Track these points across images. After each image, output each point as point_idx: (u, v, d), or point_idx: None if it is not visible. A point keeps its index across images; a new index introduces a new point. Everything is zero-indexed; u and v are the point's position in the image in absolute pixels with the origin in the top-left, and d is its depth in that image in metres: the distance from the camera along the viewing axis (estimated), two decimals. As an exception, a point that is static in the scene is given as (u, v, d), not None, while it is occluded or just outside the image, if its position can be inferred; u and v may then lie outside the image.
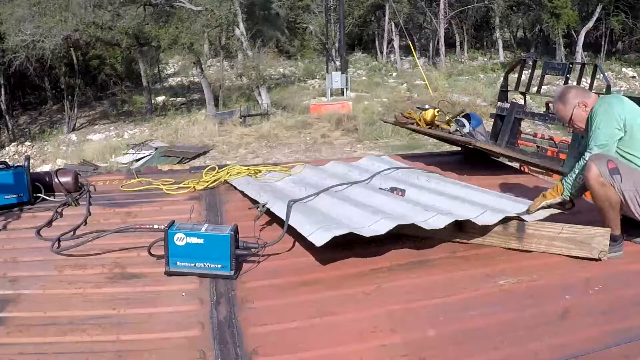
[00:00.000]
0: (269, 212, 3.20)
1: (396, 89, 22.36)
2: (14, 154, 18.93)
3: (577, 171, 2.88)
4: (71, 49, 21.44)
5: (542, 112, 5.22)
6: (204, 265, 2.55)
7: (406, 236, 2.92)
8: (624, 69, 24.07)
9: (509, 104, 5.23)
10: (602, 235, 2.70)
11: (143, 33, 20.40)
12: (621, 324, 2.12)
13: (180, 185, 4.06)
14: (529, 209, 3.00)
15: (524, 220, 2.90)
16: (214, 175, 4.19)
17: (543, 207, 2.98)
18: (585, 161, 2.79)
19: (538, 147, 8.04)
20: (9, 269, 2.67)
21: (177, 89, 28.34)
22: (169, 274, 2.57)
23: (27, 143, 20.40)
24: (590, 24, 25.54)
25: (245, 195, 3.73)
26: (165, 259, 2.57)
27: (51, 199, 3.77)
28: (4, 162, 3.77)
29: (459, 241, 2.97)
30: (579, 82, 5.25)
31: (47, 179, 3.88)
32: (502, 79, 5.72)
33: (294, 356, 1.97)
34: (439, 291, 2.43)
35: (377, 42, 33.67)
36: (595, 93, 3.21)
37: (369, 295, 2.42)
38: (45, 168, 14.51)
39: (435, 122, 4.94)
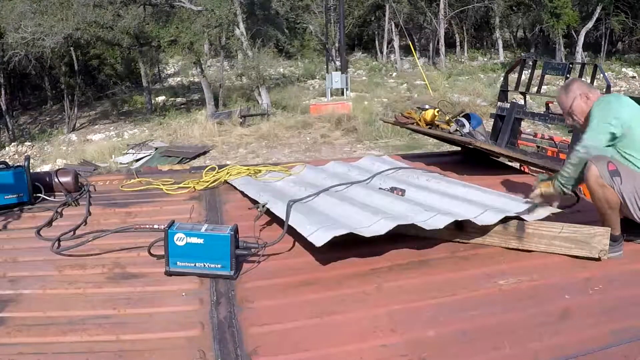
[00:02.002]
0: (268, 212, 3.21)
1: (396, 89, 22.36)
2: (14, 154, 18.92)
3: (567, 163, 2.91)
4: (71, 48, 21.43)
5: (542, 112, 5.22)
6: (204, 265, 2.55)
7: (406, 236, 2.92)
8: (624, 69, 24.06)
9: (509, 104, 5.23)
10: (602, 235, 2.70)
11: (143, 33, 20.40)
12: (621, 324, 2.12)
13: (180, 185, 4.06)
14: (530, 198, 3.06)
15: (524, 219, 2.91)
16: (214, 175, 4.19)
17: (542, 196, 3.02)
18: (577, 153, 2.81)
19: (538, 147, 8.04)
20: (9, 269, 2.68)
21: (177, 89, 28.32)
22: (169, 274, 2.57)
23: (27, 143, 20.39)
24: (590, 24, 25.53)
25: (245, 195, 3.73)
26: (165, 259, 2.57)
27: (51, 199, 3.77)
28: (4, 162, 3.77)
29: (459, 241, 2.97)
30: (579, 82, 5.24)
31: (47, 179, 3.89)
32: (502, 79, 5.72)
33: (294, 356, 1.97)
34: (439, 291, 2.43)
35: (377, 42, 33.68)
36: None
37: (369, 295, 2.42)
38: (45, 168, 14.50)
39: (435, 122, 4.94)
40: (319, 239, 2.57)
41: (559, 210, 3.04)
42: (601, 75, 4.66)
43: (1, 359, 1.94)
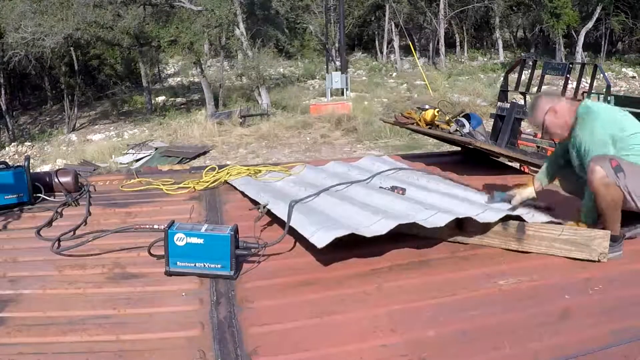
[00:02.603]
0: (269, 213, 3.21)
1: (396, 89, 22.36)
2: (14, 154, 18.91)
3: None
4: (71, 48, 21.43)
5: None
6: (204, 265, 2.55)
7: (406, 236, 2.91)
8: (624, 69, 24.06)
9: (509, 104, 5.24)
10: (602, 237, 2.70)
11: (143, 33, 20.40)
12: (621, 324, 2.12)
13: (180, 185, 4.06)
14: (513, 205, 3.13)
15: (524, 220, 2.90)
16: (214, 176, 4.19)
17: (522, 200, 3.13)
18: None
19: (538, 147, 8.04)
20: (9, 269, 2.68)
21: (177, 89, 28.31)
22: (169, 274, 2.57)
23: (27, 143, 20.39)
24: (590, 24, 25.53)
25: (245, 196, 3.73)
26: (165, 259, 2.57)
27: (51, 199, 3.77)
28: (4, 162, 3.77)
29: (459, 241, 2.97)
30: (578, 82, 5.25)
31: (47, 179, 3.89)
32: (502, 79, 5.72)
33: (294, 356, 1.97)
34: (439, 291, 2.43)
35: (377, 42, 33.68)
36: (595, 93, 3.22)
37: (369, 295, 2.42)
38: (45, 168, 14.49)
39: (435, 122, 4.94)
40: (321, 240, 2.56)
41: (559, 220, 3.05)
42: (601, 75, 4.67)
43: (1, 359, 1.94)
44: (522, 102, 5.51)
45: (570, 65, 4.75)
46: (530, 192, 3.16)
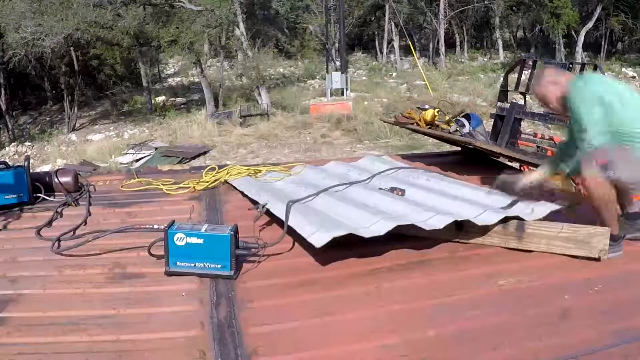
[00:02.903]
0: (268, 213, 3.21)
1: (396, 89, 22.34)
2: (14, 154, 18.89)
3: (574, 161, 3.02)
4: (71, 48, 21.43)
5: (542, 112, 5.22)
6: (204, 265, 2.55)
7: (406, 236, 2.91)
8: (624, 69, 24.05)
9: (509, 104, 5.23)
10: (602, 235, 2.70)
11: (143, 33, 20.40)
12: (621, 324, 2.12)
13: (180, 185, 4.06)
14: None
15: (523, 219, 2.91)
16: (214, 176, 4.19)
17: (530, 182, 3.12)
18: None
19: (538, 147, 8.02)
20: (9, 269, 2.68)
21: (177, 89, 28.30)
22: (169, 274, 2.57)
23: (27, 143, 20.38)
24: (590, 24, 25.54)
25: (245, 196, 3.73)
26: (165, 259, 2.57)
27: (51, 199, 3.77)
28: (4, 162, 3.77)
29: (459, 241, 2.97)
30: (578, 82, 5.24)
31: (47, 179, 3.89)
32: (502, 79, 5.72)
33: (294, 356, 1.97)
34: (439, 291, 2.43)
35: (377, 42, 33.69)
36: None
37: (369, 295, 2.42)
38: (45, 168, 14.47)
39: (435, 122, 4.94)
40: (319, 240, 2.57)
41: (559, 207, 3.05)
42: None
43: (1, 359, 1.94)
44: (522, 102, 5.51)
45: (570, 65, 4.74)
46: (536, 176, 3.17)
